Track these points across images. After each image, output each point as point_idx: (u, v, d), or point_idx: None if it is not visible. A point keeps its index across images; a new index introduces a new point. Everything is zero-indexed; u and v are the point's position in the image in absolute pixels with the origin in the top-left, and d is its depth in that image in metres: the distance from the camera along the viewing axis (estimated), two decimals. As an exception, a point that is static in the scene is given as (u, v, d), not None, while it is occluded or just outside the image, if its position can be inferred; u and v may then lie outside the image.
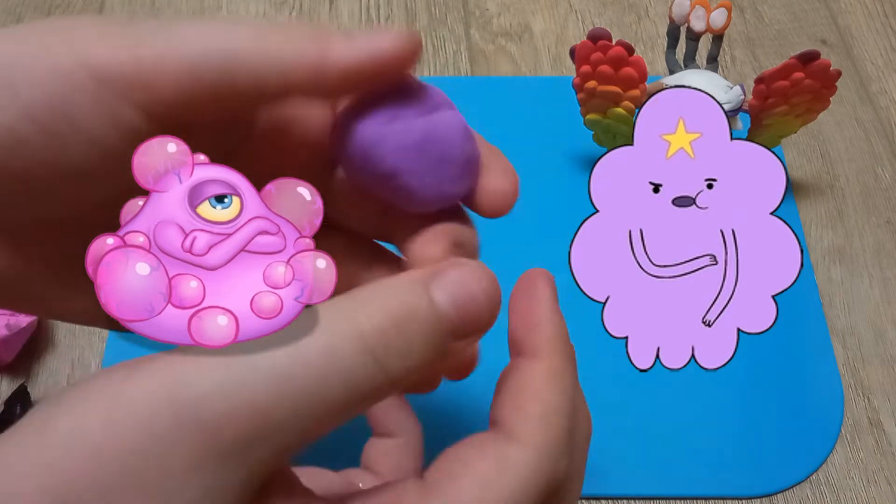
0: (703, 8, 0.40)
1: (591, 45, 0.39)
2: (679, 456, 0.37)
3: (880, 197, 0.46)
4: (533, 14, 0.54)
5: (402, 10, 0.54)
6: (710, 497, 0.36)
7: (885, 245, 0.44)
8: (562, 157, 0.46)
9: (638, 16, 0.54)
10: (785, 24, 0.54)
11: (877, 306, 0.42)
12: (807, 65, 0.37)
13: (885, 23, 0.54)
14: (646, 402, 0.38)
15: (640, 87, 0.39)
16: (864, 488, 0.36)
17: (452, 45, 0.53)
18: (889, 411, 0.38)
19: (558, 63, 0.52)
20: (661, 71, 0.45)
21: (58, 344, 0.40)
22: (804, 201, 0.46)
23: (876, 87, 0.51)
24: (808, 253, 0.43)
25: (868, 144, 0.48)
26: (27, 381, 0.38)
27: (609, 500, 0.36)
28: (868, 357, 0.40)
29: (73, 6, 0.53)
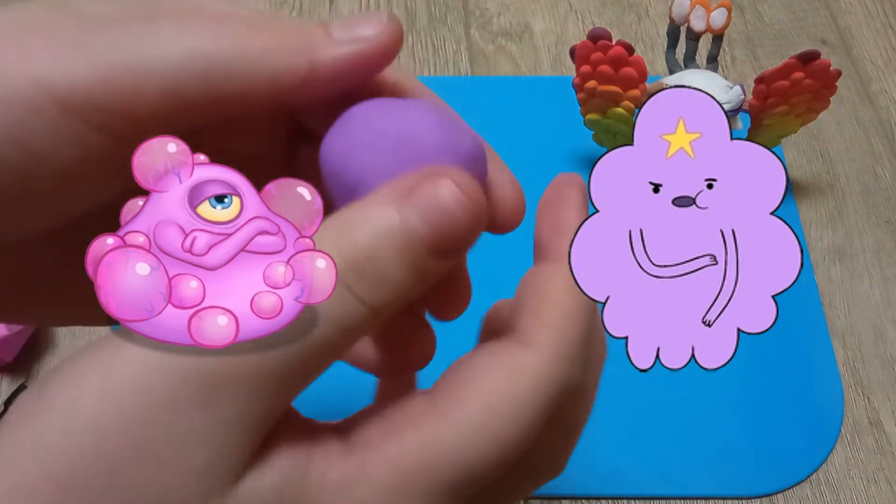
0: (703, 8, 0.40)
1: (591, 45, 0.39)
2: (679, 456, 0.37)
3: (880, 197, 0.46)
4: (533, 14, 0.54)
5: (402, 9, 0.54)
6: (710, 497, 0.36)
7: (885, 245, 0.44)
8: (562, 157, 0.46)
9: (638, 16, 0.54)
10: (785, 23, 0.54)
11: (877, 306, 0.42)
12: (807, 65, 0.37)
13: (885, 23, 0.54)
14: (646, 402, 0.38)
15: (640, 87, 0.39)
16: (864, 488, 0.36)
17: (452, 45, 0.53)
18: (889, 411, 0.38)
19: (558, 63, 0.52)
20: (661, 71, 0.45)
21: (58, 344, 0.40)
22: (804, 201, 0.46)
23: (876, 86, 0.51)
24: (808, 253, 0.43)
25: (868, 144, 0.48)
26: (27, 381, 0.38)
27: (609, 500, 0.36)
28: (868, 357, 0.40)
29: None
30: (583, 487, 0.36)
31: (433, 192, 0.17)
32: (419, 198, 0.17)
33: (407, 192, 0.17)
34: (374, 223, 0.16)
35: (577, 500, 0.36)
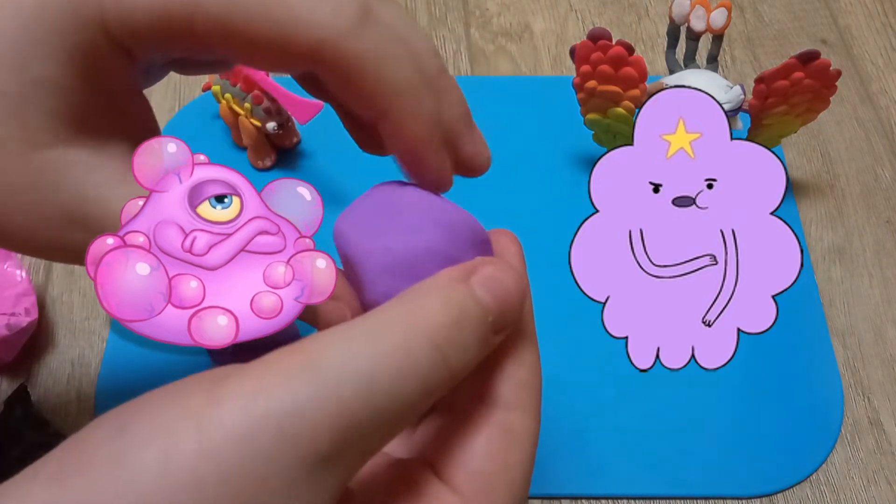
0: (703, 8, 0.40)
1: (591, 45, 0.39)
2: (679, 456, 0.37)
3: (880, 197, 0.46)
4: (533, 14, 0.54)
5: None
6: (710, 497, 0.36)
7: (885, 245, 0.44)
8: (562, 157, 0.46)
9: (638, 16, 0.54)
10: (785, 23, 0.54)
11: (877, 306, 0.42)
12: (807, 64, 0.37)
13: (885, 23, 0.54)
14: (646, 402, 0.38)
15: (640, 87, 0.39)
16: (864, 488, 0.36)
17: (452, 45, 0.53)
18: (889, 411, 0.38)
19: (558, 63, 0.52)
20: (661, 71, 0.45)
21: (58, 344, 0.40)
22: (804, 201, 0.46)
23: (876, 86, 0.51)
24: (808, 253, 0.43)
25: (868, 144, 0.48)
26: (27, 381, 0.38)
27: (609, 499, 0.36)
28: (868, 357, 0.40)
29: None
30: (583, 487, 0.36)
31: (495, 274, 0.19)
32: (486, 277, 0.19)
33: (472, 273, 0.19)
34: (454, 296, 0.18)
35: (577, 499, 0.36)
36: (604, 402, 0.38)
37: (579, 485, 0.36)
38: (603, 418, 0.38)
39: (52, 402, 0.38)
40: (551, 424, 0.37)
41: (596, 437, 0.37)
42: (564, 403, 0.38)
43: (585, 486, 0.36)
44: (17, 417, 0.35)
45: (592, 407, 0.38)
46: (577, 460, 0.37)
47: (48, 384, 0.38)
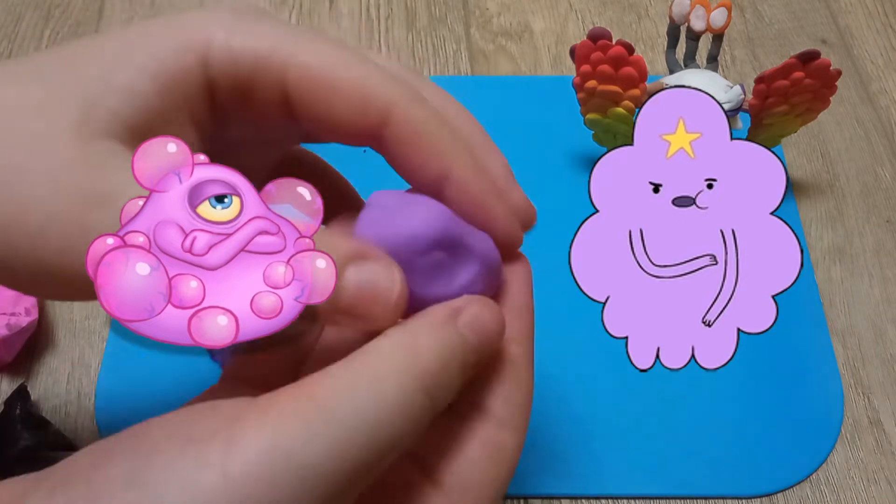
0: (703, 7, 0.40)
1: (591, 45, 0.39)
2: (679, 456, 0.37)
3: (880, 197, 0.46)
4: (533, 14, 0.54)
5: (402, 9, 0.54)
6: (710, 497, 0.36)
7: (885, 245, 0.44)
8: (562, 157, 0.46)
9: (638, 15, 0.54)
10: (785, 23, 0.54)
11: (877, 306, 0.42)
12: (807, 64, 0.37)
13: (885, 22, 0.54)
14: (646, 402, 0.38)
15: (640, 87, 0.39)
16: (864, 488, 0.36)
17: (452, 45, 0.53)
18: (889, 411, 0.38)
19: (558, 63, 0.52)
20: (661, 71, 0.45)
21: (58, 344, 0.40)
22: (804, 201, 0.46)
23: (876, 86, 0.51)
24: (808, 253, 0.43)
25: (868, 144, 0.48)
26: (27, 381, 0.38)
27: (609, 499, 0.36)
28: (868, 357, 0.40)
29: (72, 5, 0.53)
30: (583, 487, 0.36)
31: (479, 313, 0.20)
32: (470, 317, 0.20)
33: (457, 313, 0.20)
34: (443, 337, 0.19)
35: (577, 499, 0.36)
36: (603, 403, 0.38)
37: (579, 485, 0.36)
38: (603, 418, 0.38)
39: (52, 402, 0.38)
40: (551, 424, 0.37)
41: (595, 437, 0.37)
42: (564, 403, 0.38)
43: (585, 486, 0.36)
44: (17, 417, 0.35)
45: (592, 407, 0.38)
46: (576, 460, 0.37)
47: (48, 384, 0.38)
